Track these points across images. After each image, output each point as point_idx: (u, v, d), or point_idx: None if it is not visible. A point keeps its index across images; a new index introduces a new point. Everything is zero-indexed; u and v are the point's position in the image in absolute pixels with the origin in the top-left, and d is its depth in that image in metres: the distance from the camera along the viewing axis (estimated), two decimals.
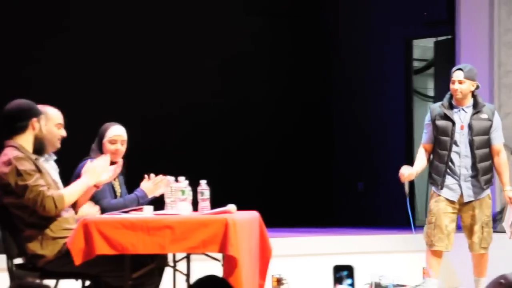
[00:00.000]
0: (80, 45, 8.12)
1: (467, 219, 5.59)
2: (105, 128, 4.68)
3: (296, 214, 8.92)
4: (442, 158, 5.53)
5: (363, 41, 9.29)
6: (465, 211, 5.58)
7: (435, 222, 5.51)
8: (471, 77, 5.57)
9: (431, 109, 5.64)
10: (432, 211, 5.55)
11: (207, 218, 3.87)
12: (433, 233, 5.50)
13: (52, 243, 3.91)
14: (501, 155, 5.62)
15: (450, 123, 5.55)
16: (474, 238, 5.58)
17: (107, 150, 4.61)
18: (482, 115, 5.58)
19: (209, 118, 8.82)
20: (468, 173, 5.55)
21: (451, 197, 5.55)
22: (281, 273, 5.94)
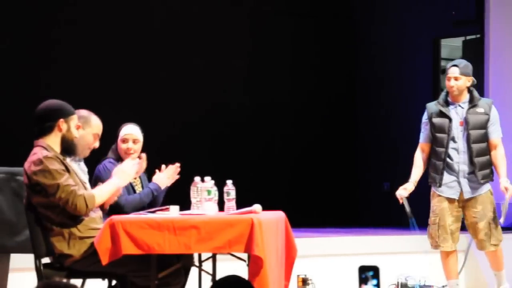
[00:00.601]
0: (103, 48, 8.15)
1: (470, 216, 5.49)
2: (120, 128, 4.74)
3: (321, 214, 8.90)
4: (439, 156, 5.46)
5: (391, 40, 9.25)
6: (468, 208, 5.48)
7: (439, 223, 5.44)
8: (467, 73, 5.50)
9: (428, 108, 5.57)
10: (434, 211, 5.48)
11: (232, 218, 3.88)
12: (437, 234, 5.44)
13: (79, 243, 3.93)
14: (498, 149, 5.51)
15: (447, 119, 5.47)
16: (480, 235, 5.48)
17: (120, 149, 4.68)
18: (478, 109, 5.49)
19: (235, 118, 8.83)
20: (467, 169, 5.45)
21: (451, 195, 5.46)
22: (307, 273, 5.95)
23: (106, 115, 6.87)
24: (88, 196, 3.91)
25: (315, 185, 9.20)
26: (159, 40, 8.44)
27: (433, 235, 5.48)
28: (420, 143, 5.61)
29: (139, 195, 4.62)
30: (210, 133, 8.68)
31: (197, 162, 8.16)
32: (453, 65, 5.55)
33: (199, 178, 4.10)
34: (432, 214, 5.51)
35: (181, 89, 8.54)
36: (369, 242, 6.66)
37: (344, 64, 9.50)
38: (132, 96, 8.20)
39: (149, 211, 4.17)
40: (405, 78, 9.04)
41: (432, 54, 8.91)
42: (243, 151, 8.85)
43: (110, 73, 8.16)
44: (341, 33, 9.50)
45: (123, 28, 8.26)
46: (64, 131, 4.00)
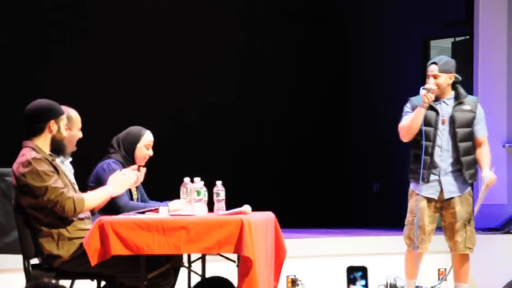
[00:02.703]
0: (96, 47, 8.14)
1: (448, 217, 5.31)
2: (138, 132, 4.66)
3: (311, 215, 8.92)
4: (426, 150, 5.22)
5: (380, 41, 9.27)
6: (446, 208, 5.29)
7: (416, 223, 5.24)
8: (447, 70, 5.30)
9: (412, 100, 5.33)
10: (412, 211, 5.28)
11: (222, 219, 3.87)
12: (415, 234, 5.24)
13: (68, 244, 3.92)
14: (484, 146, 5.34)
15: (434, 113, 5.28)
16: (457, 237, 5.28)
17: (143, 155, 4.63)
18: (464, 106, 5.32)
19: (225, 119, 8.83)
20: (449, 167, 5.27)
21: (431, 195, 5.27)
22: (296, 274, 5.95)
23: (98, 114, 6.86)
24: (77, 199, 3.90)
25: (305, 186, 9.21)
26: (151, 40, 8.42)
27: (411, 236, 5.29)
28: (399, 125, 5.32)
29: (143, 205, 4.53)
30: (200, 134, 8.68)
31: (187, 162, 8.19)
32: (432, 63, 5.34)
33: (188, 179, 4.09)
34: (409, 214, 5.32)
35: (172, 89, 8.53)
36: (358, 242, 6.66)
37: (334, 65, 9.51)
38: (123, 96, 8.18)
39: (138, 212, 4.16)
40: (395, 79, 9.06)
41: (421, 55, 8.93)
42: (233, 151, 8.85)
43: (101, 73, 8.14)
44: (331, 34, 9.51)
45: (116, 27, 8.25)
46: (54, 132, 3.98)
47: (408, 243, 5.34)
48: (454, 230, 5.31)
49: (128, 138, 4.64)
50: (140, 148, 4.64)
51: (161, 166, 6.54)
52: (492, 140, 7.34)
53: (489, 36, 7.57)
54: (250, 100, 9.01)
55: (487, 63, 7.58)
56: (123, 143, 4.63)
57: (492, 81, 7.54)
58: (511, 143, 7.40)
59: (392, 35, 9.16)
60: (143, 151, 4.64)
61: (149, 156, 4.68)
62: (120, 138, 4.65)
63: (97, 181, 4.45)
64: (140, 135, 4.65)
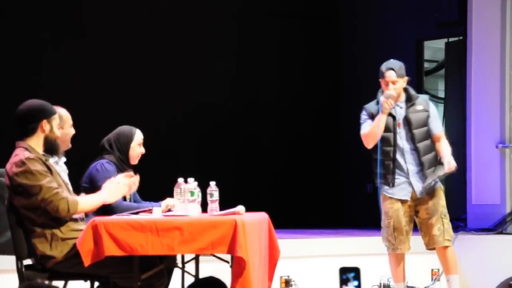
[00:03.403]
0: (90, 47, 8.12)
1: (422, 213, 5.37)
2: (130, 132, 4.67)
3: (305, 215, 8.92)
4: (388, 155, 5.33)
5: (374, 42, 9.28)
6: (420, 205, 5.36)
7: (394, 225, 5.32)
8: (402, 74, 5.42)
9: (367, 108, 5.43)
10: (388, 213, 5.34)
11: (216, 219, 3.87)
12: (394, 236, 5.31)
13: (61, 244, 3.91)
14: (442, 140, 5.40)
15: (391, 118, 5.37)
16: (434, 230, 5.33)
17: (136, 153, 4.64)
18: (417, 106, 5.40)
19: (219, 119, 8.82)
20: (415, 168, 5.35)
21: (403, 196, 5.34)
22: (289, 275, 5.95)
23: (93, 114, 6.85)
24: (71, 201, 3.89)
25: (299, 186, 9.21)
26: (145, 41, 8.41)
27: (390, 239, 5.35)
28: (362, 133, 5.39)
29: (137, 206, 4.54)
30: (194, 134, 8.67)
31: (181, 163, 8.18)
32: (390, 69, 5.45)
33: (182, 179, 4.09)
34: (385, 217, 5.37)
35: (166, 89, 8.52)
36: (351, 243, 6.67)
37: (329, 66, 9.52)
38: (117, 96, 8.17)
39: (132, 212, 4.15)
40: None
41: (415, 56, 8.94)
42: (227, 152, 8.84)
43: (94, 73, 8.13)
44: (325, 35, 9.51)
45: (110, 29, 8.24)
46: (47, 131, 3.98)
47: (388, 245, 5.40)
48: (429, 225, 5.36)
49: (120, 139, 4.64)
50: (134, 147, 4.65)
51: (154, 166, 6.54)
52: (485, 141, 7.38)
53: (483, 36, 7.58)
54: (244, 101, 9.01)
55: (480, 64, 7.59)
56: (116, 144, 4.63)
57: (485, 82, 7.55)
58: (504, 143, 7.41)
59: (386, 36, 9.17)
60: (136, 150, 4.66)
61: (141, 154, 4.68)
62: (112, 139, 4.65)
63: (90, 182, 4.44)
64: (132, 135, 4.66)
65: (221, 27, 8.87)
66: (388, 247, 5.39)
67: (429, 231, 5.37)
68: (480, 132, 7.43)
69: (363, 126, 5.41)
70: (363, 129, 5.40)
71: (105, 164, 4.52)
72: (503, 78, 7.46)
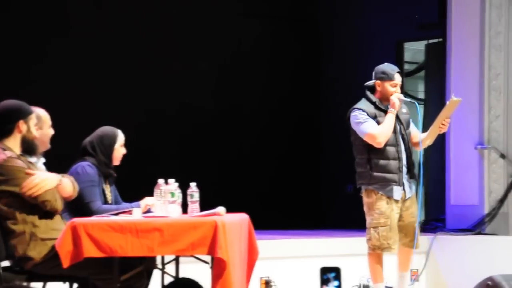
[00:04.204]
0: (70, 47, 8.08)
1: (408, 216, 5.42)
2: (113, 134, 4.65)
3: (286, 216, 8.92)
4: (392, 154, 5.34)
5: (354, 43, 9.30)
6: (406, 208, 5.41)
7: (390, 225, 5.32)
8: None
9: (363, 108, 5.39)
10: (384, 213, 5.32)
11: (196, 220, 3.86)
12: (389, 236, 5.31)
13: (40, 245, 3.89)
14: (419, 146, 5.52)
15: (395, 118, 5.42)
16: (416, 233, 5.42)
17: (120, 155, 4.64)
18: (403, 109, 5.50)
19: (200, 120, 8.81)
20: (405, 169, 5.41)
21: (397, 196, 5.36)
22: (270, 275, 5.95)
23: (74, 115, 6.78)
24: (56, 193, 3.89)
25: (279, 187, 9.22)
26: (127, 41, 8.39)
27: (385, 237, 5.33)
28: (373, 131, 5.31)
29: (116, 207, 4.52)
30: (175, 135, 8.65)
31: (161, 164, 8.16)
32: (398, 72, 5.52)
33: (163, 180, 4.08)
34: (381, 217, 5.34)
35: (148, 90, 8.50)
36: (332, 243, 6.69)
37: (309, 67, 9.53)
38: (98, 96, 8.14)
39: (112, 214, 4.14)
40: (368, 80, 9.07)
41: (395, 57, 8.98)
42: (208, 153, 8.83)
43: (74, 73, 8.09)
44: (306, 36, 9.53)
45: (90, 28, 8.20)
46: (24, 132, 3.96)
47: (378, 245, 5.36)
48: (410, 228, 5.43)
49: (104, 141, 4.61)
50: (117, 148, 4.65)
51: (135, 167, 6.52)
52: (464, 142, 7.43)
53: (462, 38, 7.63)
54: (226, 102, 9.00)
55: (459, 65, 7.64)
56: (100, 146, 4.60)
57: (464, 83, 7.60)
58: (482, 144, 7.47)
59: (366, 37, 9.20)
60: (120, 151, 4.66)
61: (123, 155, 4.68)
62: (95, 142, 4.61)
63: None
64: (115, 136, 4.65)
65: (204, 28, 8.85)
66: (380, 246, 5.35)
67: (411, 234, 5.44)
68: (459, 134, 7.48)
69: (367, 125, 5.33)
70: (369, 128, 5.32)
71: (86, 167, 4.49)
72: (482, 79, 7.51)
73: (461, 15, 7.63)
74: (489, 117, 7.47)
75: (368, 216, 5.43)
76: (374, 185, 5.37)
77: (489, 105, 7.50)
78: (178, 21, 8.71)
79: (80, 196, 4.32)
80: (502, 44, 7.50)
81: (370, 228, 5.39)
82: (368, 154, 5.39)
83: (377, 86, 5.49)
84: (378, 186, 5.36)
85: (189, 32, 8.75)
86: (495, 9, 7.52)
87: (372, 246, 5.38)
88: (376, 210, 5.36)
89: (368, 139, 5.34)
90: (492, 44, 7.50)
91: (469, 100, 7.52)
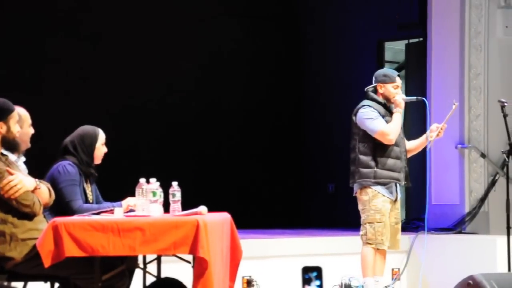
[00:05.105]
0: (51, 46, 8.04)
1: (391, 218, 5.51)
2: (94, 132, 4.63)
3: (267, 216, 8.93)
4: (397, 154, 5.46)
5: (335, 42, 9.32)
6: (393, 209, 5.52)
7: (385, 222, 5.42)
8: None
9: (373, 106, 5.47)
10: (381, 210, 5.41)
11: (178, 219, 3.85)
12: (384, 232, 5.41)
13: (21, 245, 3.87)
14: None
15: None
16: (398, 236, 5.54)
17: (101, 153, 4.62)
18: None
19: (181, 119, 8.79)
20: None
21: (392, 196, 5.48)
22: (251, 275, 5.95)
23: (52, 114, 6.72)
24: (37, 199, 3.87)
25: (261, 187, 9.22)
26: (107, 40, 8.36)
27: (380, 233, 5.41)
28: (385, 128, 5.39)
29: (97, 206, 4.50)
30: (156, 134, 8.63)
31: (142, 163, 8.13)
32: (398, 75, 5.62)
33: (144, 179, 4.06)
34: (377, 213, 5.42)
35: (129, 88, 8.47)
36: (313, 243, 6.70)
37: (291, 67, 9.54)
38: (78, 94, 8.10)
39: (93, 213, 4.12)
40: (349, 80, 9.11)
41: (376, 57, 9.01)
42: (189, 152, 8.82)
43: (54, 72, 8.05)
44: (287, 35, 9.54)
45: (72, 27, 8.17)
46: (4, 132, 3.93)
47: (376, 240, 5.42)
48: (396, 229, 5.54)
49: (85, 140, 4.59)
50: (99, 147, 4.63)
51: (116, 166, 6.49)
52: (444, 142, 7.46)
53: (442, 38, 7.67)
54: (207, 101, 8.99)
55: (440, 65, 7.68)
56: (81, 146, 4.57)
57: (444, 83, 7.64)
58: (463, 144, 7.51)
59: (348, 37, 9.22)
60: (101, 150, 4.64)
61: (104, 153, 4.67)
62: (76, 141, 4.59)
63: (52, 183, 4.39)
64: (96, 135, 4.63)
65: (185, 27, 8.84)
66: (375, 241, 5.42)
67: (395, 235, 5.54)
68: None
69: (379, 122, 5.40)
70: (381, 125, 5.40)
71: (67, 166, 4.47)
72: (462, 79, 7.55)
73: (441, 15, 7.67)
74: (469, 117, 7.52)
75: (363, 213, 5.49)
76: (376, 184, 5.43)
77: (469, 104, 7.54)
78: (158, 21, 8.68)
79: (61, 195, 4.31)
80: (482, 44, 7.55)
81: (365, 224, 5.46)
82: (375, 152, 5.44)
83: (379, 89, 5.56)
84: (380, 185, 5.43)
85: (169, 31, 8.73)
86: (475, 9, 7.57)
87: (367, 240, 5.44)
88: (372, 207, 5.44)
89: (379, 136, 5.41)
90: (472, 44, 7.54)
91: (450, 100, 7.56)
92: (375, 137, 5.41)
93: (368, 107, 5.48)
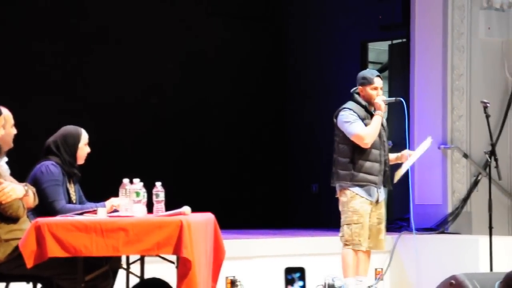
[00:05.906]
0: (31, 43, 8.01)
1: (376, 218, 5.56)
2: (77, 133, 4.61)
3: (251, 216, 8.93)
4: (375, 157, 5.49)
5: (319, 43, 9.33)
6: (375, 210, 5.55)
7: (363, 223, 5.45)
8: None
9: (353, 108, 5.49)
10: (358, 211, 5.45)
11: (161, 220, 3.85)
12: (360, 233, 5.45)
13: (4, 245, 3.85)
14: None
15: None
16: (381, 236, 5.58)
17: (84, 153, 4.61)
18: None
19: (166, 120, 8.78)
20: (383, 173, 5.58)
21: (371, 198, 5.51)
22: (235, 275, 5.95)
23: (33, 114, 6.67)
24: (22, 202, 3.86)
25: (245, 187, 9.22)
26: (90, 39, 8.33)
27: (357, 234, 5.45)
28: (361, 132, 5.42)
29: (80, 207, 4.48)
30: (139, 134, 8.61)
31: (126, 163, 8.11)
32: (377, 76, 5.63)
33: (127, 180, 4.05)
34: (354, 214, 5.46)
35: (112, 88, 8.44)
36: (296, 243, 6.70)
37: (274, 67, 9.55)
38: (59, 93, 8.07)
39: (76, 213, 4.10)
40: (333, 81, 9.13)
41: (359, 58, 9.03)
42: (173, 152, 8.80)
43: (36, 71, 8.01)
44: (271, 36, 9.54)
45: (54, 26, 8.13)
46: None
47: (353, 241, 5.46)
48: (379, 229, 5.58)
49: (68, 141, 4.57)
50: (82, 147, 4.61)
51: (100, 167, 6.47)
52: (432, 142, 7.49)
53: (425, 39, 7.70)
54: (191, 102, 8.98)
55: (423, 66, 7.71)
56: (64, 146, 4.55)
57: (427, 83, 7.67)
58: (446, 144, 7.54)
59: (331, 38, 9.23)
60: (84, 150, 4.62)
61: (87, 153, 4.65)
62: (59, 141, 4.57)
63: (35, 184, 4.37)
64: (79, 135, 4.61)
65: (171, 27, 8.82)
66: (353, 242, 5.46)
67: (378, 236, 5.58)
68: (423, 133, 7.54)
69: (355, 126, 5.43)
70: (357, 129, 5.43)
71: (50, 166, 4.45)
72: (445, 80, 7.59)
73: (425, 16, 7.71)
74: (452, 117, 7.55)
75: (342, 214, 5.54)
76: (354, 186, 5.47)
77: (452, 105, 7.58)
78: (145, 21, 8.67)
79: (44, 195, 4.29)
80: (464, 45, 7.58)
81: (344, 225, 5.51)
82: (353, 155, 5.48)
83: (360, 92, 5.60)
84: (358, 187, 5.47)
85: (155, 31, 8.71)
86: (458, 10, 7.61)
87: (345, 241, 5.50)
88: (350, 208, 5.48)
89: (356, 139, 5.44)
90: (455, 45, 7.58)
91: (432, 100, 7.60)
92: (352, 140, 5.44)
93: (348, 109, 5.52)
